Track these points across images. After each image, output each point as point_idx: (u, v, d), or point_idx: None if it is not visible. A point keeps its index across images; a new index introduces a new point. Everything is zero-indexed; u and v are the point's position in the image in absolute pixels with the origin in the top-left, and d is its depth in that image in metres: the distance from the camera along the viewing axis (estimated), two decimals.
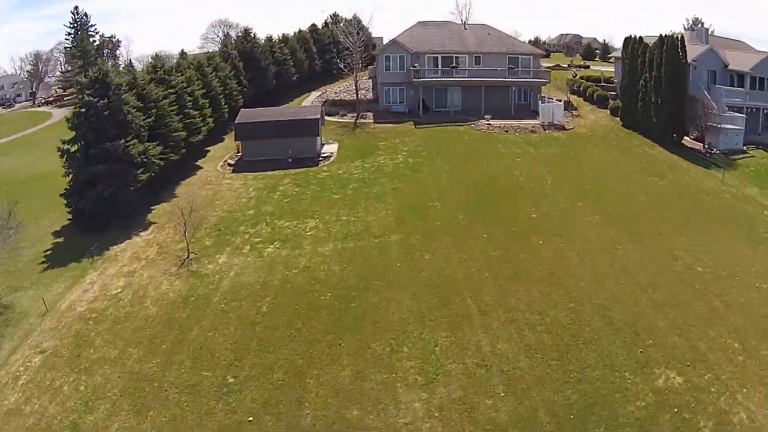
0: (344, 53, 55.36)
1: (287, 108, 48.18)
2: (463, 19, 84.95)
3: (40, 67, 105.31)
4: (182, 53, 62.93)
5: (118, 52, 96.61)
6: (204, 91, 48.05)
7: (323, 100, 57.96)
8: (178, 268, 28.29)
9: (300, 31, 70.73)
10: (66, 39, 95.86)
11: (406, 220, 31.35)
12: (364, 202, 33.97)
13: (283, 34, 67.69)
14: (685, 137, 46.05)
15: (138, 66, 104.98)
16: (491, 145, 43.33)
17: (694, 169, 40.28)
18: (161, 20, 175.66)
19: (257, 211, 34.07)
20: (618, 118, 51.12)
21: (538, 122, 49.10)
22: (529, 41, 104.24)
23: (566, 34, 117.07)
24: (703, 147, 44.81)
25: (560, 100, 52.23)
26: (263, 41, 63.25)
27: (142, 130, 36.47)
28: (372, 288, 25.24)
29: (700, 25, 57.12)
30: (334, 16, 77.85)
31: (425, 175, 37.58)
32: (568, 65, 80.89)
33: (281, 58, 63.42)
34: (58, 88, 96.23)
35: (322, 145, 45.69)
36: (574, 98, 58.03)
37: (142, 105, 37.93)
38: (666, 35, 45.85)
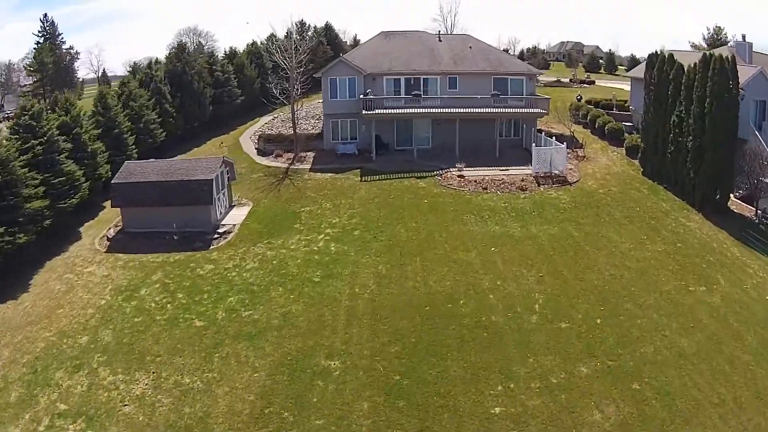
0: (282, 75, 39.71)
1: (179, 161, 32.79)
2: (448, 27, 69.32)
3: (11, 77, 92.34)
4: (150, 63, 49.93)
5: (76, 64, 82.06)
6: (101, 130, 33.52)
7: (259, 134, 42.49)
8: None
9: (253, 43, 55.08)
10: (35, 48, 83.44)
11: (273, 402, 16.20)
12: (229, 345, 18.92)
13: (231, 47, 52.28)
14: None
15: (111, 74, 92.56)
16: (458, 218, 27.83)
17: (752, 259, 24.72)
18: (161, 21, 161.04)
19: (91, 341, 19.62)
20: (637, 162, 35.39)
21: (530, 171, 33.48)
22: (527, 50, 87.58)
23: (567, 42, 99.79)
24: (756, 213, 29.16)
25: (562, 138, 36.32)
26: (200, 57, 47.95)
27: None
28: None
29: (740, 37, 40.18)
30: (301, 23, 61.78)
31: (341, 287, 22.14)
32: (570, 79, 64.52)
33: (222, 78, 48.17)
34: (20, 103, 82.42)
35: (230, 207, 30.74)
36: (578, 129, 42.11)
37: None
38: (711, 54, 29.85)
